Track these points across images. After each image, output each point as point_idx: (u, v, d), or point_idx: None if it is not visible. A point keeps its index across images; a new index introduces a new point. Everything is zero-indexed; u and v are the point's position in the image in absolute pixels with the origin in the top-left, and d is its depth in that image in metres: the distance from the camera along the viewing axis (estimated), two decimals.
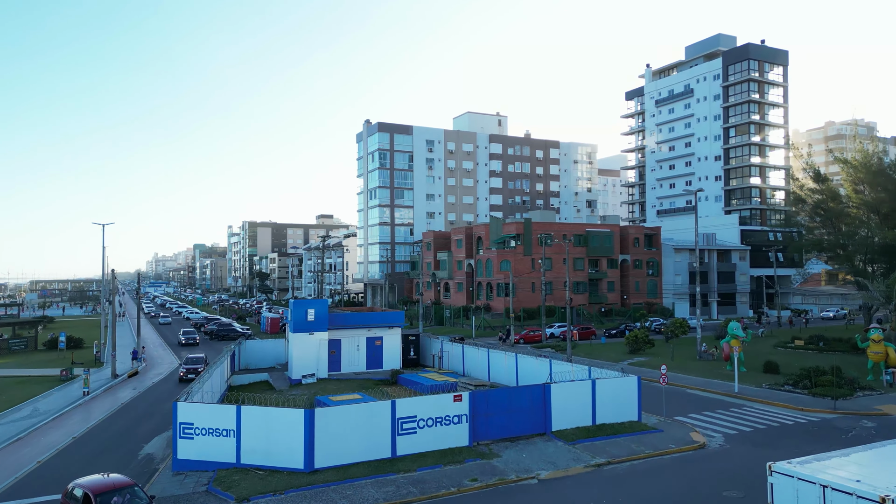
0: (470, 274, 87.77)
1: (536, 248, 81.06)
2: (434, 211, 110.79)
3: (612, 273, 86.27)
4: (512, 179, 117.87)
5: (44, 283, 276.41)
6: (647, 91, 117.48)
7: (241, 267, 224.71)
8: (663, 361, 49.55)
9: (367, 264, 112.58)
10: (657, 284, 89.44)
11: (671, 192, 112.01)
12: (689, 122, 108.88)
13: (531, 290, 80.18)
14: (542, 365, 36.39)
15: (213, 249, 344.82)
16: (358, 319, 44.70)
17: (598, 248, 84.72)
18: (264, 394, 39.48)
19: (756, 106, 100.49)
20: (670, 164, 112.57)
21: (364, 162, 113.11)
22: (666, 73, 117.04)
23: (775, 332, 71.13)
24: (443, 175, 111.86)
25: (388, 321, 45.52)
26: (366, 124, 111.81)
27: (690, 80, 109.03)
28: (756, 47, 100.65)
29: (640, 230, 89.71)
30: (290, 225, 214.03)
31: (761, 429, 29.91)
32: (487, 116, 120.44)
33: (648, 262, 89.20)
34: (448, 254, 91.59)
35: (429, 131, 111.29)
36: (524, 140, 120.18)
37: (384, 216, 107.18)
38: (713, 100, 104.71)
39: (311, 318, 41.98)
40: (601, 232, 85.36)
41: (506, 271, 79.86)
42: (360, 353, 44.67)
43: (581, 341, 64.97)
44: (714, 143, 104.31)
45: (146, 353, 62.90)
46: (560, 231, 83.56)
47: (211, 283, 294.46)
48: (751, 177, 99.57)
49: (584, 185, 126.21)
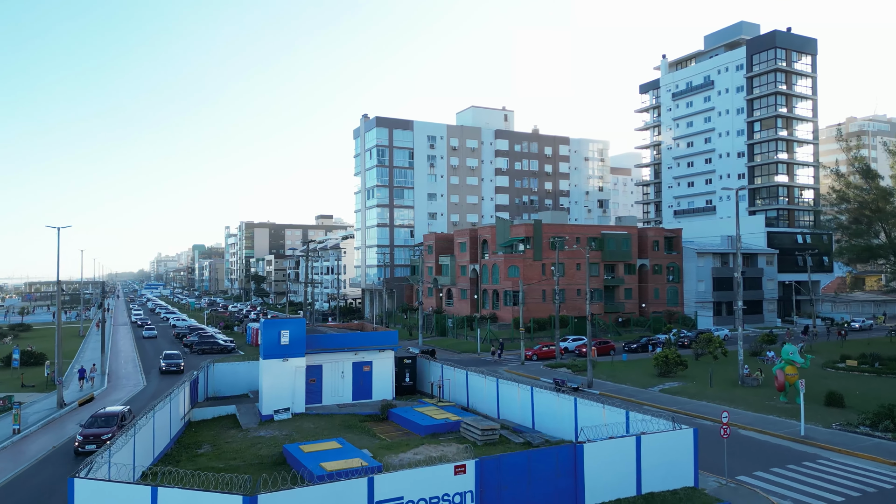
0: (474, 280, 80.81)
1: (547, 251, 74.10)
2: (436, 211, 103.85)
3: (629, 279, 79.20)
4: (519, 178, 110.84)
5: (38, 286, 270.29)
6: (664, 83, 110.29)
7: (237, 269, 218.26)
8: (700, 387, 42.60)
9: (364, 268, 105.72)
10: (678, 292, 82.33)
11: (689, 192, 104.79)
12: (710, 116, 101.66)
13: (542, 299, 73.20)
14: (565, 404, 29.42)
15: (213, 250, 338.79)
16: (342, 341, 37.77)
17: (614, 252, 77.67)
18: (227, 433, 32.70)
19: (783, 98, 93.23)
20: (688, 161, 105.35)
21: (361, 159, 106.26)
22: (683, 65, 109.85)
23: (815, 346, 63.95)
24: (445, 173, 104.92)
25: (379, 342, 38.59)
26: (363, 119, 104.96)
27: (710, 72, 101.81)
28: (783, 35, 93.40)
29: (659, 232, 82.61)
30: (289, 226, 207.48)
31: (855, 497, 22.90)
32: (493, 111, 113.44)
33: (669, 267, 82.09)
34: (451, 258, 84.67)
35: (430, 126, 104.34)
36: (532, 136, 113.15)
37: (383, 217, 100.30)
38: (736, 92, 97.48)
39: (285, 341, 35.11)
40: (618, 234, 78.31)
41: (514, 278, 72.88)
42: (345, 381, 37.76)
43: (600, 357, 58.04)
44: (737, 139, 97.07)
45: (113, 373, 56.00)
46: (573, 233, 76.54)
47: (209, 284, 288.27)
48: (777, 174, 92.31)
49: (596, 184, 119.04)
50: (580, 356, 60.85)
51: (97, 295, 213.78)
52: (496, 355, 60.24)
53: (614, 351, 62.28)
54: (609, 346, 62.01)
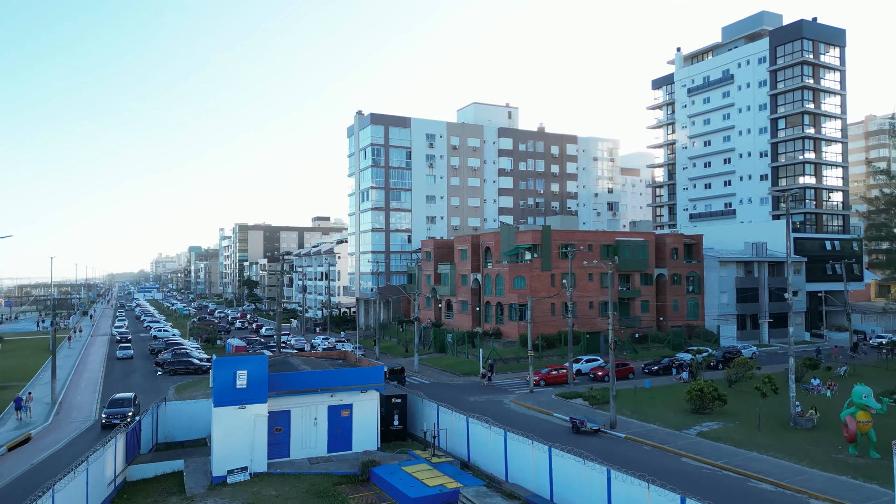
0: (476, 291, 73.97)
1: (557, 260, 67.25)
2: (435, 215, 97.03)
3: (646, 291, 72.32)
4: (524, 179, 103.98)
5: (28, 289, 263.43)
6: (678, 78, 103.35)
7: (231, 272, 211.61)
8: (744, 430, 35.62)
9: (359, 275, 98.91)
10: (698, 304, 75.43)
11: (706, 194, 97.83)
12: (729, 112, 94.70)
13: (550, 313, 66.33)
14: (595, 478, 22.51)
15: (210, 252, 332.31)
16: (315, 380, 30.93)
17: (630, 261, 70.80)
18: (167, 502, 25.96)
19: (810, 93, 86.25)
20: (705, 161, 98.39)
21: (356, 159, 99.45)
22: (699, 58, 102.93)
23: (858, 368, 57.04)
24: (445, 174, 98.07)
25: (361, 381, 31.78)
26: (357, 116, 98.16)
27: (730, 65, 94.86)
28: (810, 25, 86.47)
29: (678, 239, 75.71)
30: (284, 228, 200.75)
31: None
32: (496, 108, 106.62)
33: (688, 277, 75.20)
34: (451, 266, 77.84)
35: (429, 124, 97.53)
36: (537, 134, 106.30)
37: (378, 221, 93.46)
38: (758, 87, 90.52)
39: (242, 384, 28.33)
40: (634, 241, 71.42)
41: (520, 290, 66.04)
42: (318, 430, 30.96)
43: (618, 381, 51.15)
44: (759, 137, 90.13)
45: (66, 403, 49.19)
46: (584, 240, 69.69)
47: (205, 287, 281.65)
48: (804, 175, 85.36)
49: (605, 186, 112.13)
50: (596, 380, 54.08)
51: (85, 301, 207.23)
52: (486, 378, 53.69)
53: (633, 374, 55.45)
54: (627, 369, 55.21)
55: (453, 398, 47.62)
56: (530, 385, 49.24)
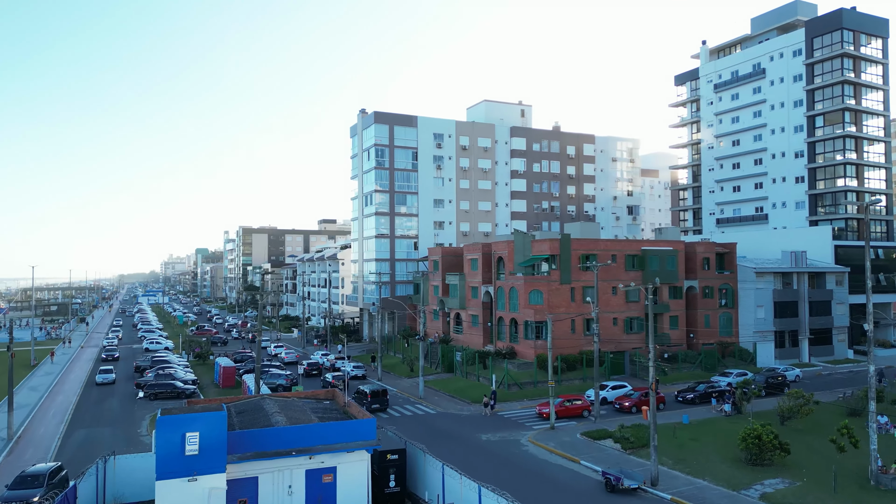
0: (488, 305, 67.69)
1: (577, 272, 60.84)
2: (443, 220, 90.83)
3: (675, 305, 65.75)
4: (538, 181, 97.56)
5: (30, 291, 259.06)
6: (703, 73, 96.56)
7: (236, 276, 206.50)
8: (816, 492, 29.04)
9: (362, 284, 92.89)
10: (732, 319, 68.74)
11: (735, 197, 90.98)
12: (760, 109, 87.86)
13: (570, 331, 59.93)
14: None
15: (216, 255, 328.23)
16: (290, 438, 24.78)
17: (657, 273, 64.22)
18: None
19: (850, 88, 79.34)
20: (734, 161, 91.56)
21: (359, 160, 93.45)
22: (727, 52, 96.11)
23: None
24: (454, 176, 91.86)
25: (347, 436, 25.63)
26: (360, 115, 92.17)
27: (761, 58, 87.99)
28: (850, 14, 79.53)
29: (709, 248, 69.05)
30: (289, 231, 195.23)
31: None
32: (508, 106, 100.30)
33: (721, 289, 68.52)
34: (460, 277, 71.61)
35: (437, 123, 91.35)
36: (552, 134, 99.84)
37: (382, 226, 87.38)
38: (792, 82, 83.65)
39: (193, 449, 22.25)
40: (662, 251, 64.85)
41: (537, 305, 59.71)
42: (293, 500, 24.81)
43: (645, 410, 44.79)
44: (794, 136, 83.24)
45: (28, 434, 43.39)
46: (607, 250, 63.22)
47: (211, 291, 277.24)
48: (845, 178, 78.44)
49: (625, 188, 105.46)
50: (622, 412, 47.61)
51: (86, 305, 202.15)
52: (489, 407, 47.89)
53: (664, 404, 48.92)
54: (659, 398, 48.73)
55: (462, 436, 41.44)
56: (552, 420, 42.87)
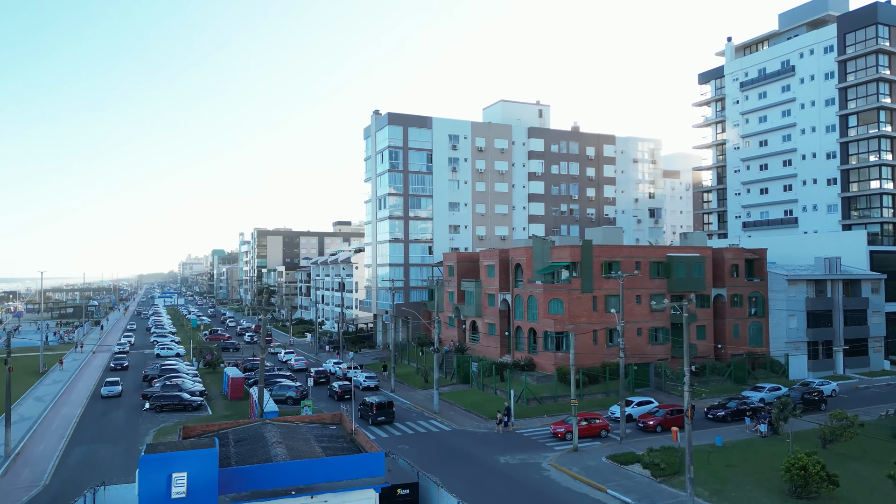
0: (506, 313, 65.11)
1: (599, 280, 58.07)
2: (458, 224, 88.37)
3: (702, 314, 62.66)
4: (556, 183, 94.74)
5: (49, 292, 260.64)
6: (729, 71, 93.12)
7: (250, 278, 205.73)
8: None
9: (376, 289, 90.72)
10: (762, 329, 65.50)
11: (763, 200, 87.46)
12: (789, 108, 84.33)
13: (592, 341, 57.17)
14: None
15: (231, 256, 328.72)
16: (289, 475, 22.44)
17: (683, 281, 61.27)
18: None
19: (886, 86, 75.66)
20: (761, 163, 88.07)
21: (372, 163, 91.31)
22: (753, 48, 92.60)
23: None
24: (470, 179, 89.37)
25: (352, 472, 23.27)
26: (374, 116, 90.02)
27: (790, 55, 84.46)
28: (886, 8, 75.83)
29: (738, 254, 65.85)
30: (304, 233, 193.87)
31: None
32: (525, 106, 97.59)
33: (751, 297, 65.32)
34: (475, 283, 69.11)
35: (452, 124, 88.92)
36: (571, 134, 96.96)
37: (396, 231, 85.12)
38: (824, 79, 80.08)
39: (181, 492, 20.03)
40: (688, 258, 61.83)
41: (557, 315, 57.04)
42: None
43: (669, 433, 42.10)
44: (826, 136, 79.68)
45: (21, 460, 41.57)
46: (631, 257, 60.32)
47: (226, 292, 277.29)
48: (880, 179, 74.76)
49: (646, 190, 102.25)
50: (645, 430, 44.80)
51: (103, 307, 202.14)
52: (503, 424, 45.49)
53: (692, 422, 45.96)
54: (683, 417, 45.75)
55: (479, 458, 38.94)
56: (574, 441, 40.24)
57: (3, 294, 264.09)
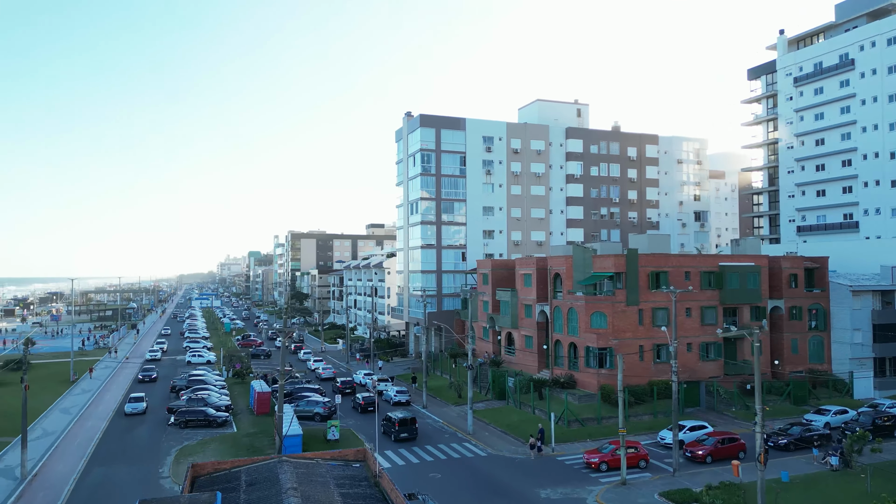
0: (543, 325, 61.59)
1: (645, 292, 54.15)
2: (493, 228, 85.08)
3: (757, 328, 57.95)
4: (596, 186, 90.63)
5: (91, 293, 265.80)
6: (782, 66, 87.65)
7: (284, 281, 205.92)
8: None
9: (407, 297, 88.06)
10: (823, 344, 60.54)
11: (819, 202, 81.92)
12: (849, 105, 78.68)
13: (638, 358, 53.27)
14: None
15: (267, 258, 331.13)
16: None
17: (737, 292, 56.88)
18: None
19: None
20: (817, 163, 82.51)
21: (404, 166, 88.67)
22: (808, 41, 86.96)
23: None
24: (505, 182, 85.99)
25: None
26: (406, 118, 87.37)
27: (849, 48, 78.80)
28: None
29: (797, 263, 61.03)
30: (337, 236, 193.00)
31: None
32: (563, 105, 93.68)
33: (811, 310, 60.44)
34: (511, 293, 65.76)
35: (487, 125, 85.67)
36: (611, 134, 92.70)
37: (428, 236, 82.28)
38: (887, 73, 74.32)
39: None
40: (742, 268, 57.36)
41: (600, 329, 53.34)
42: None
43: (724, 462, 38.21)
44: (889, 135, 73.92)
45: (38, 482, 39.91)
46: (680, 266, 56.19)
47: (262, 294, 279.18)
48: None
49: (691, 192, 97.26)
50: (693, 460, 40.66)
51: (141, 309, 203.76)
52: (536, 449, 42.21)
53: (744, 452, 41.70)
54: (737, 446, 41.62)
55: (517, 491, 35.67)
56: (622, 473, 36.67)
57: (47, 295, 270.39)
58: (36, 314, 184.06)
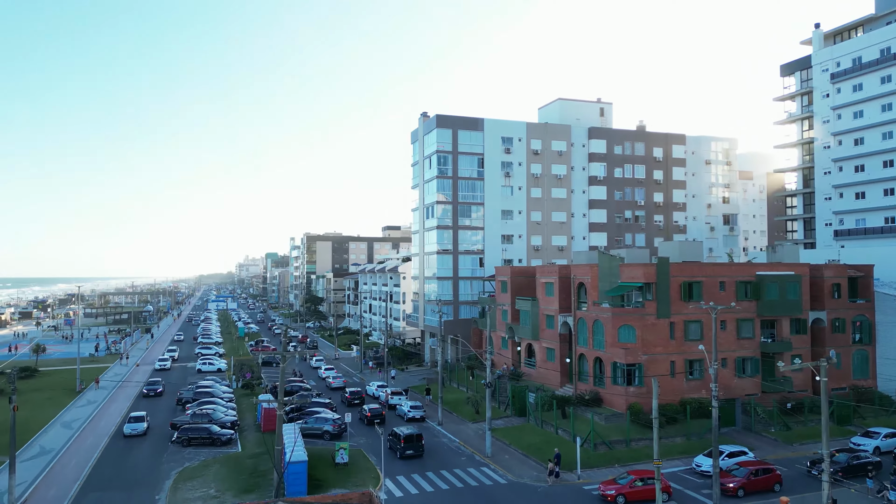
0: (566, 338, 58.08)
1: (677, 303, 50.43)
2: (512, 233, 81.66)
3: (797, 341, 54.05)
4: (620, 188, 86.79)
5: (110, 295, 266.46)
6: (817, 62, 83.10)
7: (300, 284, 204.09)
8: None
9: (423, 304, 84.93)
10: (868, 357, 56.32)
11: (858, 205, 77.32)
12: (891, 102, 74.04)
13: (669, 375, 49.58)
14: None
15: (284, 259, 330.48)
16: None
17: (776, 303, 52.91)
18: None
19: None
20: (856, 164, 77.91)
21: (420, 168, 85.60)
22: (845, 35, 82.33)
23: None
24: (524, 184, 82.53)
25: None
26: (422, 118, 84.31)
27: (891, 42, 74.16)
28: None
29: (840, 271, 56.88)
30: (353, 238, 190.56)
31: None
32: (586, 104, 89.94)
33: (854, 322, 56.25)
34: (532, 302, 62.33)
35: (505, 125, 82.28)
36: (636, 134, 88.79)
37: (444, 241, 79.12)
38: None
39: None
40: (781, 277, 53.35)
41: (628, 343, 49.76)
42: None
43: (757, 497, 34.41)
44: None
45: (35, 498, 37.39)
46: (714, 276, 52.36)
47: (278, 295, 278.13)
48: None
49: (720, 194, 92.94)
50: (724, 493, 36.47)
51: (157, 312, 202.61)
52: (554, 475, 39.16)
53: (780, 485, 37.78)
54: (772, 478, 37.70)
55: None
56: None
57: (66, 297, 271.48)
58: (53, 316, 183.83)
